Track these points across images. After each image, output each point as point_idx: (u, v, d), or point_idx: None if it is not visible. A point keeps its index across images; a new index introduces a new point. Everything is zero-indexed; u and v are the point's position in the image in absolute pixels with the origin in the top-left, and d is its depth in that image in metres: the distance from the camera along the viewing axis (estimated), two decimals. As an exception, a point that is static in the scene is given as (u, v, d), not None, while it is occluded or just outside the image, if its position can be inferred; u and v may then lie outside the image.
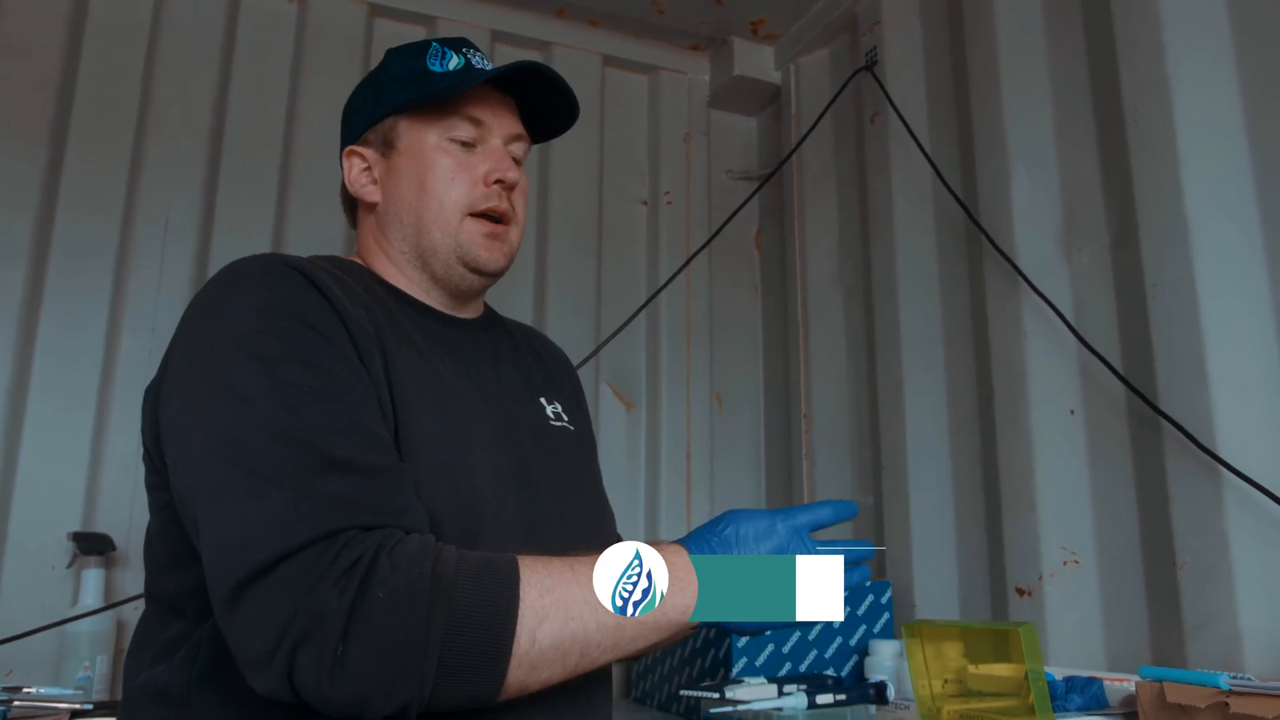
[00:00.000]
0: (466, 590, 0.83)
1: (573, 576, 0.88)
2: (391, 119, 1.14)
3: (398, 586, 0.80)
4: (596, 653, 0.88)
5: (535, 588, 0.85)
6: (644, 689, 2.23)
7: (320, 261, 1.06)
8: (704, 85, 2.98)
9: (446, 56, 1.13)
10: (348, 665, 0.78)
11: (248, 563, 0.80)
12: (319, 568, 0.80)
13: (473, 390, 1.10)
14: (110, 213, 2.18)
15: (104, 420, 2.10)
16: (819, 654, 1.96)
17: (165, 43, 2.32)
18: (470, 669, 0.82)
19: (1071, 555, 1.76)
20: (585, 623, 0.87)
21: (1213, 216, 1.59)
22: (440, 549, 0.85)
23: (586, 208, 2.72)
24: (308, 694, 0.80)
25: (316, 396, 0.89)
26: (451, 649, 0.81)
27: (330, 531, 0.81)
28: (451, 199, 1.11)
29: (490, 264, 1.13)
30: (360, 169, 1.16)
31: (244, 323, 0.92)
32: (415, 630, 0.80)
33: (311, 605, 0.79)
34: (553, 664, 0.86)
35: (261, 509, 0.82)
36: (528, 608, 0.84)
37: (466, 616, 0.82)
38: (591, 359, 2.50)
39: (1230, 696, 1.20)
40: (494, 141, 1.14)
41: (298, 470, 0.84)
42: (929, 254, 2.24)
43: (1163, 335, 1.63)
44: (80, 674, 1.86)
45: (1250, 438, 1.50)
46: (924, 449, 2.16)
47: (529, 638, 0.84)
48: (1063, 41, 1.93)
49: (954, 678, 1.40)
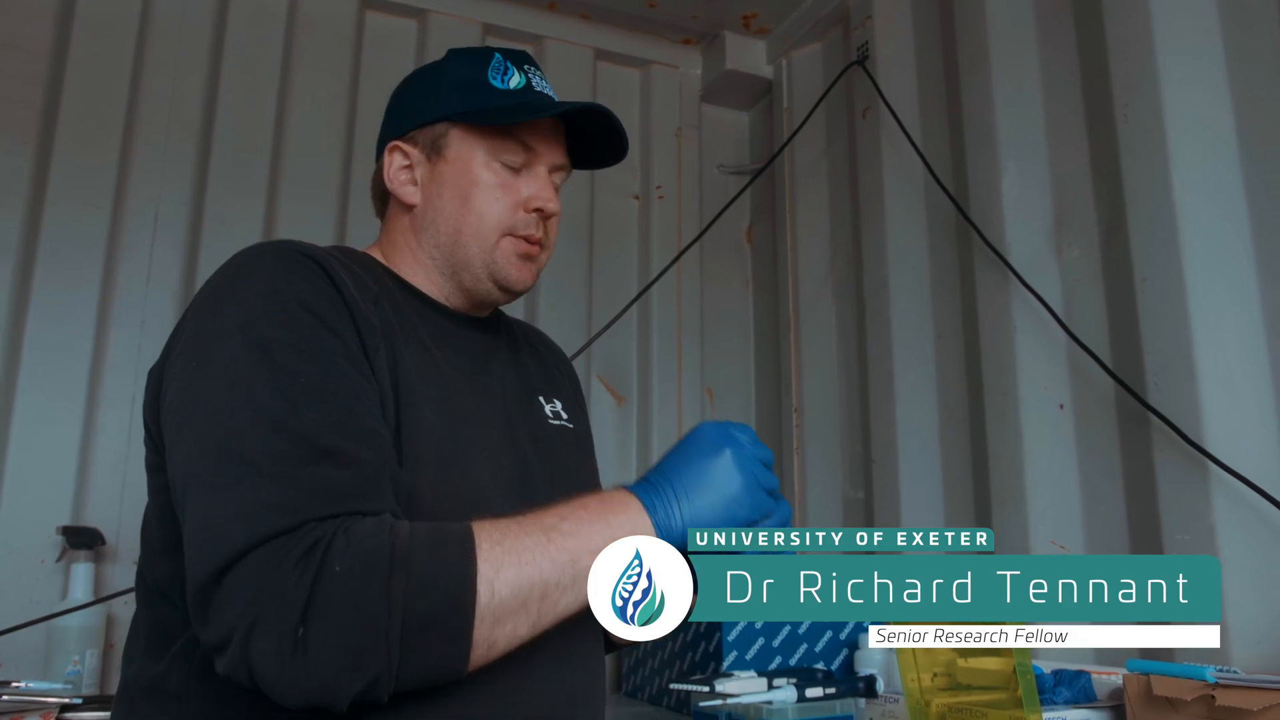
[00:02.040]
0: (421, 554, 0.83)
1: (519, 526, 0.88)
2: (444, 125, 1.13)
3: (354, 560, 0.80)
4: (557, 594, 0.88)
5: (486, 540, 0.85)
6: (635, 683, 2.23)
7: (332, 252, 1.06)
8: (696, 79, 2.97)
9: (509, 73, 1.14)
10: (309, 646, 0.78)
11: (222, 551, 0.81)
12: (280, 554, 0.80)
13: (477, 389, 1.11)
14: (99, 206, 2.17)
15: (93, 414, 2.09)
16: (809, 648, 1.96)
17: (155, 35, 2.30)
18: (436, 630, 0.82)
19: (1061, 549, 1.77)
20: (539, 564, 0.86)
21: (1202, 211, 1.59)
22: (394, 523, 0.85)
23: (578, 202, 2.72)
24: (269, 681, 0.79)
25: (312, 387, 0.89)
26: (414, 612, 0.80)
27: (301, 521, 0.82)
28: (493, 217, 1.11)
29: (520, 284, 1.15)
30: (401, 165, 1.15)
31: (249, 309, 0.93)
32: (376, 599, 0.79)
33: (270, 588, 0.79)
34: (515, 614, 0.85)
35: (241, 498, 0.83)
36: (483, 560, 0.84)
37: (425, 578, 0.82)
38: (583, 353, 2.50)
39: (1216, 689, 1.20)
40: (540, 169, 1.14)
41: (282, 460, 0.84)
42: (920, 248, 2.24)
43: (1152, 330, 1.63)
44: (69, 668, 1.86)
45: (1238, 432, 1.51)
46: (914, 443, 2.17)
47: (488, 589, 0.83)
48: (1053, 36, 1.93)
49: (943, 671, 1.40)
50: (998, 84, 2.00)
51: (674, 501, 0.94)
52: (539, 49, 2.71)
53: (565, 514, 0.91)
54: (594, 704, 1.11)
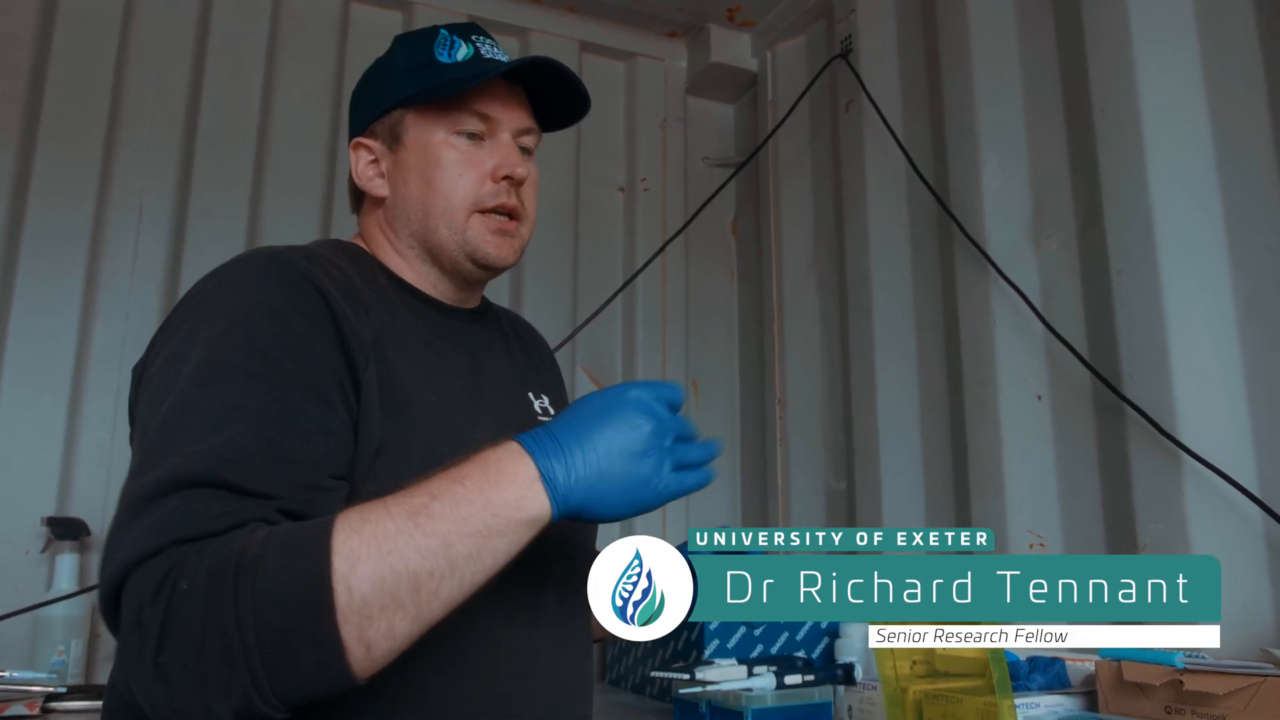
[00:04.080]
0: (273, 557, 0.75)
1: (383, 510, 0.79)
2: (398, 112, 1.11)
3: (201, 574, 0.75)
4: (433, 583, 0.78)
5: (342, 532, 0.77)
6: (618, 672, 2.25)
7: (327, 252, 1.04)
8: (681, 72, 2.98)
9: (455, 46, 1.11)
10: (168, 671, 0.73)
11: (106, 578, 0.78)
12: (143, 581, 0.76)
13: (470, 386, 1.10)
14: (84, 199, 2.17)
15: (78, 405, 2.10)
16: (791, 636, 1.98)
17: (139, 28, 2.30)
18: (296, 636, 0.74)
19: (1038, 538, 1.79)
20: (403, 554, 0.77)
21: (1176, 204, 1.61)
22: (251, 532, 0.78)
23: (564, 193, 2.73)
24: (149, 710, 0.75)
25: (243, 413, 0.85)
26: (266, 621, 0.73)
27: (160, 546, 0.77)
28: (458, 195, 1.08)
29: (499, 260, 1.11)
30: (367, 161, 1.14)
31: (216, 328, 0.90)
32: (224, 612, 0.73)
33: (133, 619, 0.75)
34: (386, 609, 0.76)
35: (131, 521, 0.80)
36: (338, 556, 0.75)
37: (273, 585, 0.74)
38: (568, 344, 2.52)
39: (1184, 674, 1.23)
40: (503, 136, 1.11)
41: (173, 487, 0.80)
42: (901, 241, 2.26)
43: (1127, 321, 1.65)
44: (54, 658, 1.86)
45: (1210, 423, 1.53)
46: (896, 434, 2.18)
47: (345, 587, 0.75)
48: (1034, 30, 1.95)
49: (921, 659, 1.42)
50: (979, 78, 2.02)
51: (576, 470, 0.85)
52: (524, 41, 2.72)
53: (438, 490, 0.81)
54: (586, 695, 1.12)
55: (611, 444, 0.87)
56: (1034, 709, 1.37)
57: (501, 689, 0.97)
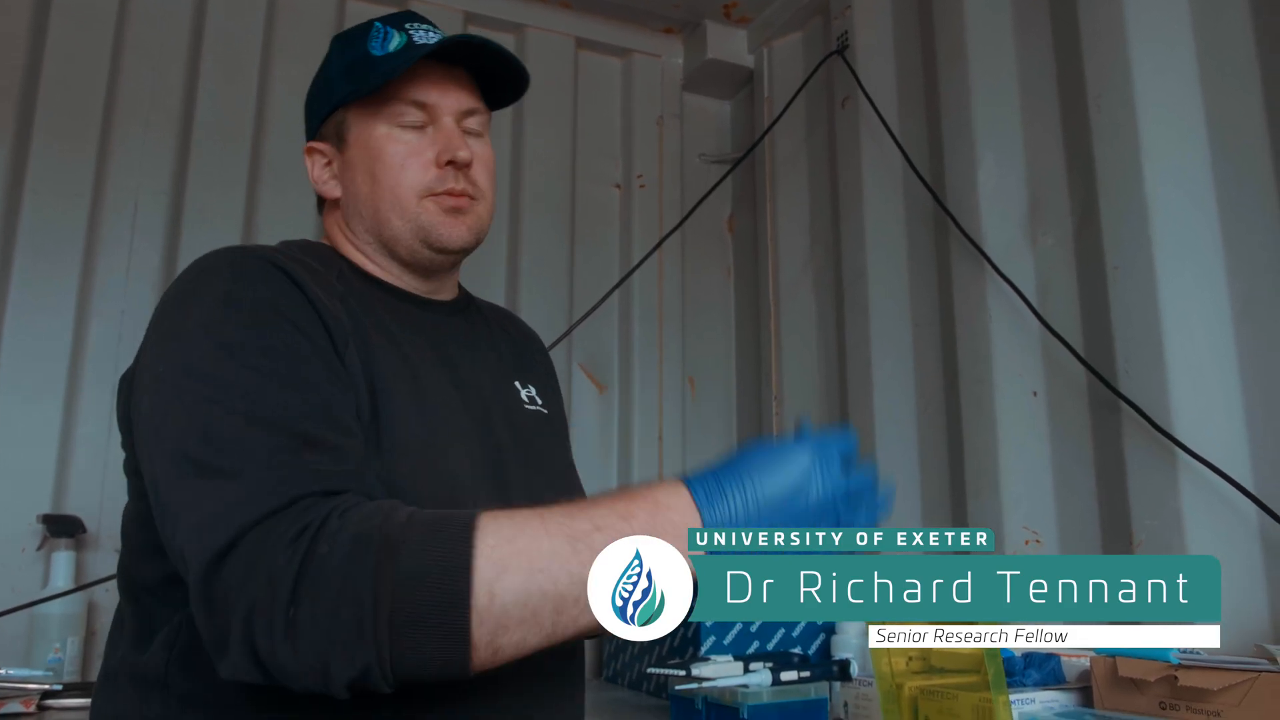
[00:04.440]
0: (416, 543, 0.78)
1: (541, 526, 0.81)
2: (340, 113, 1.12)
3: (343, 542, 0.77)
4: (575, 610, 0.80)
5: (493, 536, 0.79)
6: (615, 668, 2.25)
7: (292, 250, 1.06)
8: (677, 68, 2.98)
9: (388, 37, 1.10)
10: (299, 626, 0.75)
11: (215, 544, 0.79)
12: (274, 535, 0.78)
13: (448, 377, 1.10)
14: (78, 198, 2.17)
15: (73, 403, 2.09)
16: (787, 633, 1.98)
17: (134, 26, 2.29)
18: (426, 626, 0.76)
19: (1033, 535, 1.79)
20: (555, 576, 0.79)
21: (1172, 200, 1.62)
22: (392, 508, 0.81)
23: (559, 190, 2.73)
24: (273, 662, 0.77)
25: (281, 380, 0.88)
26: (403, 604, 0.75)
27: (292, 499, 0.80)
28: (405, 186, 1.09)
29: (453, 240, 1.11)
30: (321, 165, 1.15)
31: (210, 313, 0.92)
32: (362, 585, 0.75)
33: (264, 569, 0.77)
34: (524, 624, 0.78)
35: (226, 491, 0.81)
36: (484, 559, 0.77)
37: (415, 568, 0.77)
38: (564, 341, 2.52)
39: (1179, 670, 1.23)
40: (444, 120, 1.11)
41: (264, 449, 0.83)
42: (898, 238, 2.26)
43: (1122, 318, 1.66)
44: (51, 655, 1.86)
45: (1205, 419, 1.53)
46: (892, 430, 2.19)
47: (486, 591, 0.77)
48: (1030, 27, 1.95)
49: (916, 655, 1.43)
50: (975, 75, 2.02)
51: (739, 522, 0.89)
52: (520, 38, 2.71)
53: (603, 522, 0.82)
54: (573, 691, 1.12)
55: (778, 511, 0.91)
56: (1029, 705, 1.37)
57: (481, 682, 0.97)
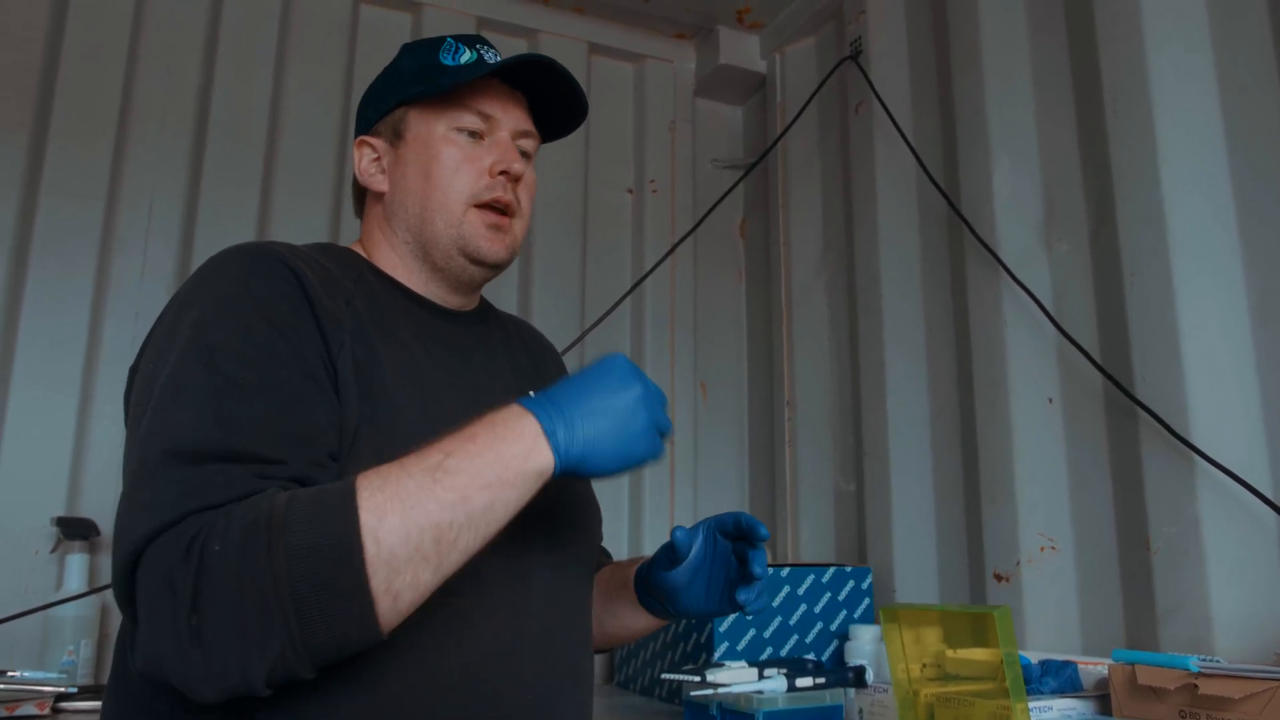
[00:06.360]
0: (301, 515, 0.79)
1: (401, 469, 0.84)
2: (401, 110, 1.15)
3: (233, 535, 0.78)
4: (453, 534, 0.83)
5: (366, 489, 0.82)
6: (627, 674, 2.25)
7: (309, 250, 1.07)
8: (689, 74, 2.98)
9: (459, 51, 1.14)
10: (204, 633, 0.76)
11: (125, 549, 0.81)
12: (168, 546, 0.79)
13: (461, 384, 1.10)
14: (94, 198, 2.18)
15: (88, 405, 2.10)
16: (800, 639, 1.98)
17: (149, 27, 2.31)
18: (330, 590, 0.78)
19: (1049, 541, 1.78)
20: (425, 507, 0.82)
21: (1189, 205, 1.61)
22: (274, 494, 0.82)
23: (572, 195, 2.73)
24: (178, 677, 0.78)
25: (244, 392, 0.88)
26: (302, 575, 0.77)
27: (184, 514, 0.81)
28: (456, 189, 1.11)
29: (491, 255, 1.13)
30: (370, 159, 1.17)
31: (204, 313, 0.94)
32: (259, 568, 0.77)
33: (161, 583, 0.78)
34: (411, 561, 0.81)
35: (145, 496, 0.83)
36: (365, 510, 0.80)
37: (307, 540, 0.78)
38: (576, 346, 2.51)
39: (1199, 678, 1.22)
40: (501, 134, 1.14)
41: (183, 460, 0.84)
42: (912, 243, 2.25)
43: (1139, 323, 1.65)
44: (64, 658, 1.86)
45: (1223, 425, 1.52)
46: (905, 436, 2.18)
47: (373, 540, 0.79)
48: (1045, 30, 1.94)
49: (932, 661, 1.42)
50: (990, 79, 2.01)
51: (575, 427, 0.90)
52: (533, 42, 2.72)
53: (451, 449, 0.85)
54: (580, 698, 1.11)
55: (605, 403, 0.92)
56: (1047, 712, 1.36)
57: (487, 688, 0.97)
